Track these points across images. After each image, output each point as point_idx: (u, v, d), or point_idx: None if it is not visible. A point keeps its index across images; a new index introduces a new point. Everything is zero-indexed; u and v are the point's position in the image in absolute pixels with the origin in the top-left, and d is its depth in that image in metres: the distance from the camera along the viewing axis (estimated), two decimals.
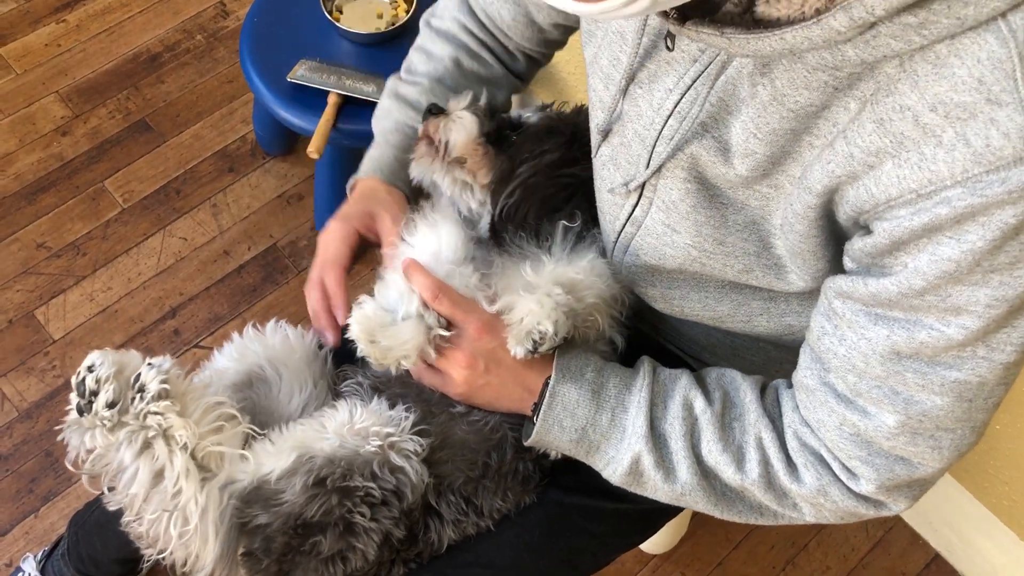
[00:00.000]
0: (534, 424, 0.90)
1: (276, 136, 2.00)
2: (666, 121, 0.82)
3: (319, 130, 1.57)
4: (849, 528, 1.72)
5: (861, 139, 0.68)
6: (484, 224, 1.00)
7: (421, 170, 1.04)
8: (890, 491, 0.82)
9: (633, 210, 0.90)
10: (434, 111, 1.04)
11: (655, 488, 0.89)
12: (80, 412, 0.88)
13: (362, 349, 0.90)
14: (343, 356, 1.06)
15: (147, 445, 0.87)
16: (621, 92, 0.86)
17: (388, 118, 1.13)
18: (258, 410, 0.99)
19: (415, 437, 0.91)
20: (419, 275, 0.91)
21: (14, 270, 1.87)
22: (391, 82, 1.16)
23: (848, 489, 0.83)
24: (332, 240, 1.04)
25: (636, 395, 0.89)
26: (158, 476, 0.88)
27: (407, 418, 0.93)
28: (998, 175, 0.62)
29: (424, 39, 1.17)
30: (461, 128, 1.02)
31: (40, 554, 1.46)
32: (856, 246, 0.74)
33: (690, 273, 0.91)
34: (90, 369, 0.87)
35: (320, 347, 1.07)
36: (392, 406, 0.94)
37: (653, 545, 1.66)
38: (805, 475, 0.84)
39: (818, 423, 0.82)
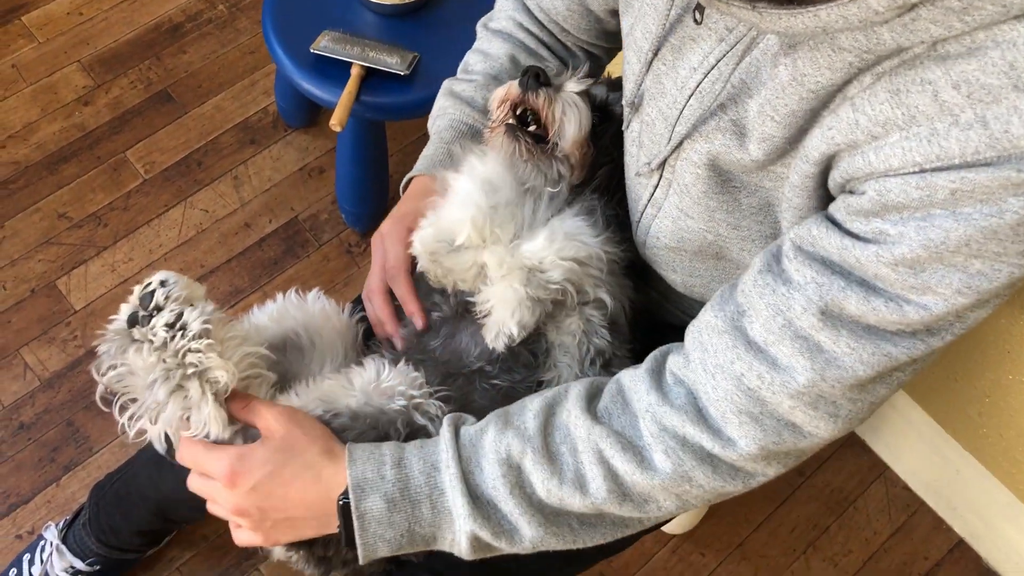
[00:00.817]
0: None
1: (298, 108, 1.98)
2: (688, 100, 0.80)
3: (342, 102, 1.55)
4: (871, 512, 1.70)
5: (871, 107, 0.65)
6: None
7: (501, 144, 0.95)
8: (768, 458, 0.78)
9: (654, 191, 0.88)
10: (540, 78, 0.92)
11: (510, 551, 0.84)
12: (132, 324, 0.84)
13: (423, 265, 0.96)
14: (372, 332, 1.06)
15: (180, 385, 0.84)
16: (646, 65, 0.84)
17: (443, 116, 1.10)
18: (288, 375, 0.98)
19: (437, 401, 0.90)
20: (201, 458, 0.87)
21: (36, 240, 1.87)
22: (447, 82, 1.14)
23: (714, 467, 0.79)
24: (392, 243, 1.01)
25: (445, 472, 0.82)
26: (185, 417, 0.86)
27: (429, 383, 0.92)
28: (1011, 164, 0.60)
29: (481, 41, 1.15)
30: (575, 121, 0.93)
31: (61, 523, 1.46)
32: (840, 203, 0.70)
33: (711, 260, 0.89)
34: (163, 283, 0.84)
35: (357, 321, 1.06)
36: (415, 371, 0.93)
37: (673, 525, 1.65)
38: (663, 463, 0.79)
39: (715, 369, 0.77)
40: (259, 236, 1.92)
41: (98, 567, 1.44)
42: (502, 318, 0.87)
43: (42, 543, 1.47)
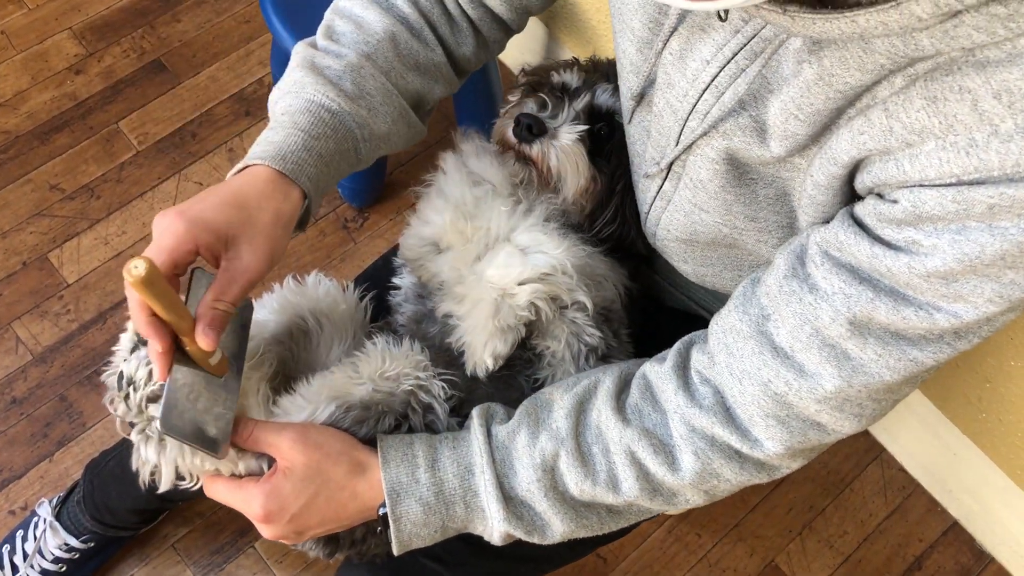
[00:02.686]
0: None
1: None
2: (701, 95, 0.76)
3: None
4: (867, 493, 1.70)
5: (906, 114, 0.63)
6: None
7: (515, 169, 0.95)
8: (793, 455, 0.79)
9: (662, 184, 0.86)
10: (533, 130, 0.91)
11: (540, 543, 0.85)
12: (120, 379, 0.82)
13: (412, 270, 0.97)
14: (381, 311, 1.04)
15: (161, 439, 0.82)
16: (657, 54, 0.80)
17: (298, 95, 0.88)
18: (297, 360, 0.97)
19: (440, 382, 0.90)
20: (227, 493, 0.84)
21: (27, 211, 1.84)
22: (305, 50, 0.92)
23: (741, 464, 0.80)
24: (155, 247, 0.75)
25: (480, 477, 0.82)
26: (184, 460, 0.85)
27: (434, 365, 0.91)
28: None
29: (354, 2, 0.94)
30: (572, 172, 0.92)
31: (55, 499, 1.45)
32: (870, 207, 0.68)
33: (724, 249, 0.87)
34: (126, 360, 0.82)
35: (360, 299, 1.04)
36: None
37: None
38: (692, 463, 0.80)
39: (742, 374, 0.77)
40: None
41: (92, 544, 1.43)
42: (476, 352, 0.89)
43: (35, 519, 1.46)
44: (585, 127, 0.92)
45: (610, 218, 0.94)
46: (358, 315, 1.03)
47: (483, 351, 0.87)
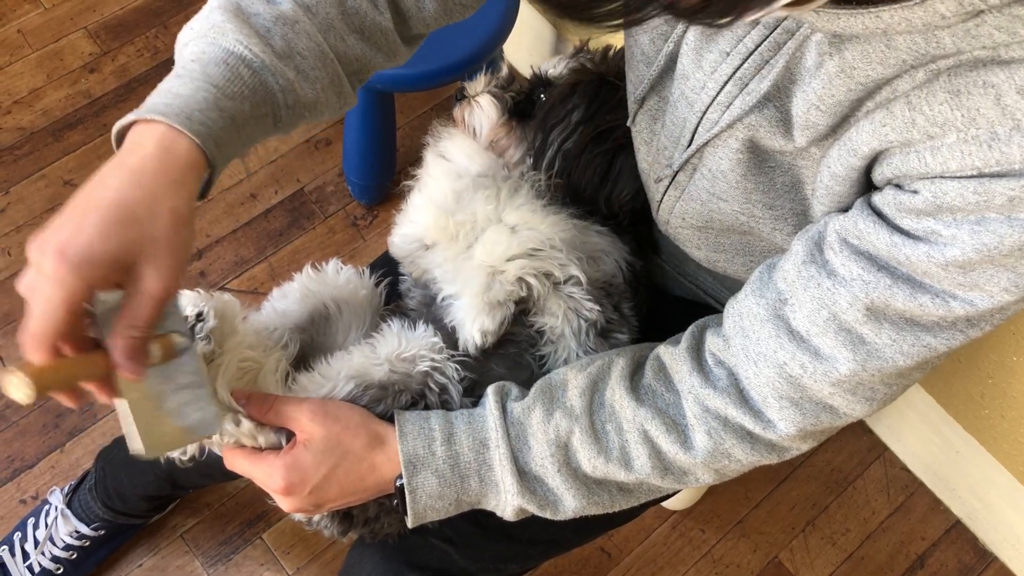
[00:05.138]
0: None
1: None
2: (723, 86, 0.77)
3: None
4: (870, 491, 1.72)
5: (929, 107, 0.64)
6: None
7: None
8: (804, 437, 0.81)
9: (676, 174, 0.87)
10: (459, 97, 1.00)
11: (553, 519, 0.86)
12: None
13: (403, 268, 1.00)
14: (394, 296, 1.06)
15: None
16: (675, 44, 0.81)
17: (215, 42, 0.74)
18: (314, 346, 0.98)
19: (454, 364, 0.91)
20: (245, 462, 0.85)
21: (41, 207, 1.86)
22: None
23: (752, 445, 0.81)
24: (41, 299, 0.63)
25: (495, 451, 0.84)
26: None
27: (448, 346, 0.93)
28: None
29: None
30: (483, 114, 0.99)
31: (66, 488, 1.47)
32: (890, 197, 0.70)
33: (738, 236, 0.88)
34: (200, 318, 0.83)
35: (376, 285, 1.06)
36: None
37: (674, 501, 1.66)
38: (705, 442, 0.81)
39: (758, 356, 0.78)
40: (265, 207, 1.91)
41: (103, 532, 1.45)
42: (465, 328, 0.91)
43: (47, 507, 1.47)
44: (502, 76, 1.02)
45: (549, 164, 0.96)
46: (375, 300, 1.05)
47: (472, 326, 0.89)
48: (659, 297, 1.09)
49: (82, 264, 0.63)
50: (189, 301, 0.85)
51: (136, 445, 0.71)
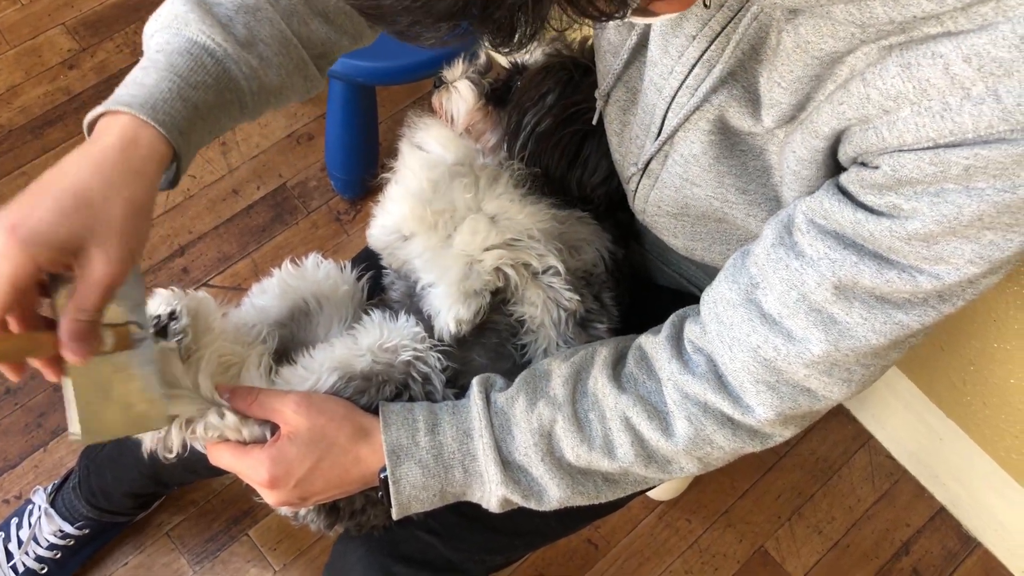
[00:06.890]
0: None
1: None
2: (690, 70, 0.78)
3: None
4: (855, 479, 1.73)
5: (882, 81, 0.65)
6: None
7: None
8: (785, 422, 0.81)
9: (649, 162, 0.87)
10: (437, 84, 1.01)
11: (538, 509, 0.86)
12: None
13: (384, 260, 0.99)
14: (376, 290, 1.06)
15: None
16: (639, 33, 0.82)
17: (178, 32, 0.77)
18: (295, 341, 0.98)
19: (436, 353, 0.91)
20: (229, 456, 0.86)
21: None
22: None
23: (734, 431, 0.81)
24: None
25: (478, 440, 0.84)
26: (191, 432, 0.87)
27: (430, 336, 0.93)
28: None
29: None
30: (459, 99, 0.99)
31: (50, 487, 1.46)
32: (853, 175, 0.70)
33: (713, 223, 0.88)
34: (172, 316, 0.83)
35: (359, 279, 1.06)
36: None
37: (660, 492, 1.66)
38: (686, 429, 0.81)
39: (732, 341, 0.78)
40: (247, 203, 1.90)
41: (87, 530, 1.44)
42: (440, 316, 0.91)
43: (30, 507, 1.46)
44: (479, 63, 1.01)
45: (523, 145, 0.97)
46: (357, 294, 1.04)
47: (447, 314, 0.89)
48: (643, 287, 1.09)
49: (31, 243, 0.65)
50: (163, 299, 0.85)
51: (75, 428, 0.72)
